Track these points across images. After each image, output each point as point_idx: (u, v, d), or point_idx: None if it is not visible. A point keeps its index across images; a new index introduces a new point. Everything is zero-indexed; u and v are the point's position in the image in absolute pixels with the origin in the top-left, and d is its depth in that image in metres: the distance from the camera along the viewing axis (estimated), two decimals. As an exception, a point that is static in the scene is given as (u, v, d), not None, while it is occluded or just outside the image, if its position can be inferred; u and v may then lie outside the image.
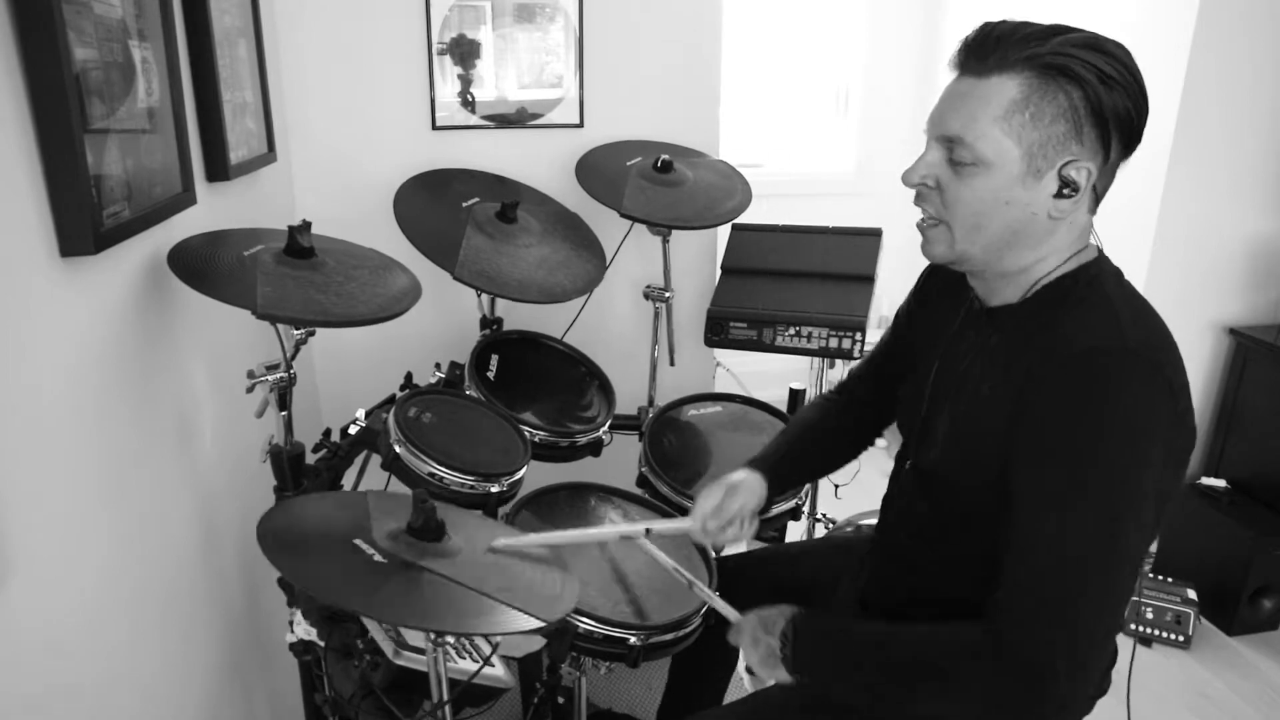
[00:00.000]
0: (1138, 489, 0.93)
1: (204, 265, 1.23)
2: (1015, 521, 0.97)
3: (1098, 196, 1.02)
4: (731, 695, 2.13)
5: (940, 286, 1.24)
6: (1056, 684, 0.90)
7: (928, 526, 1.18)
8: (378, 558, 1.01)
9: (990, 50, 0.96)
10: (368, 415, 1.58)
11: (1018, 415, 0.98)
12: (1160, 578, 2.50)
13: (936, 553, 1.17)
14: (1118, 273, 1.06)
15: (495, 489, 1.48)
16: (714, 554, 1.52)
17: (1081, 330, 0.98)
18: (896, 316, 1.35)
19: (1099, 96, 0.93)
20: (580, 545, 1.48)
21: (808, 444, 1.42)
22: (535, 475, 1.61)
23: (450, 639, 1.17)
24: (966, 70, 0.99)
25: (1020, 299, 1.06)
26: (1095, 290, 1.02)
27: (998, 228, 1.00)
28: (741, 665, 2.28)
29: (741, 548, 1.32)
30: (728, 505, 1.29)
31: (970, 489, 1.08)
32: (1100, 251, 1.07)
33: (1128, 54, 0.96)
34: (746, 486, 1.32)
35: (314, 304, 1.26)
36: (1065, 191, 0.97)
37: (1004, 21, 0.97)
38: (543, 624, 1.00)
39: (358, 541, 1.03)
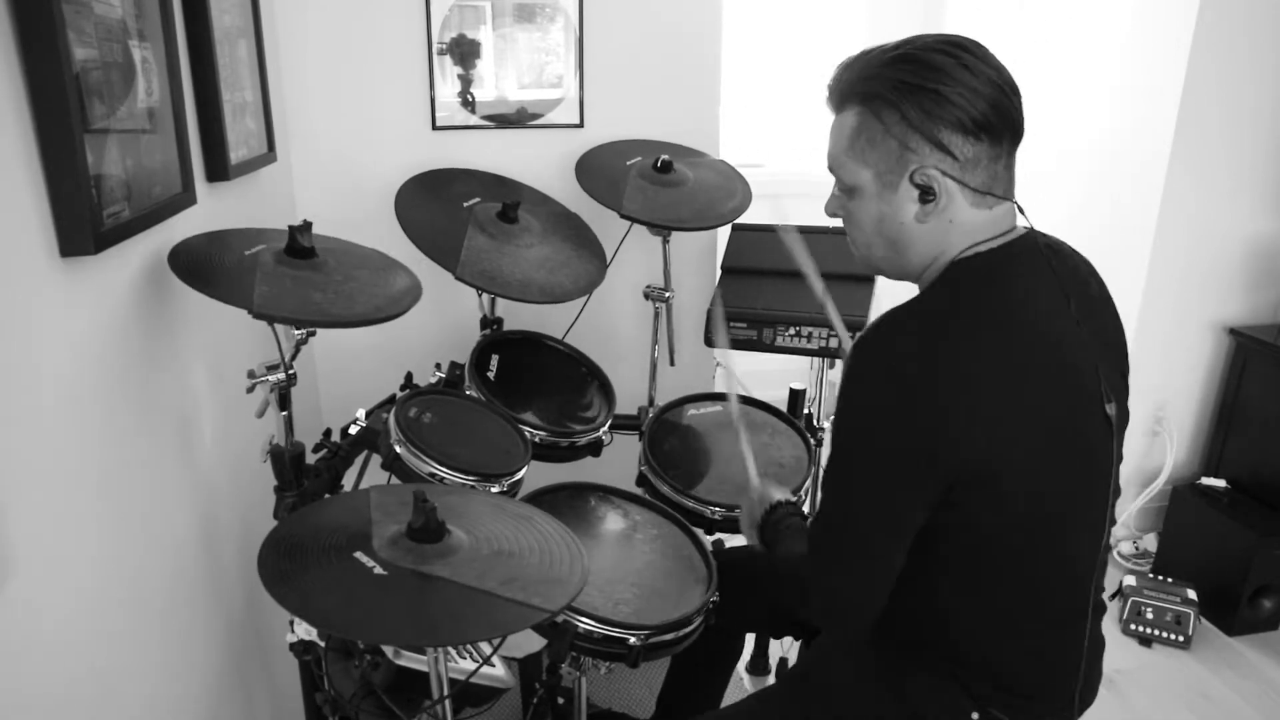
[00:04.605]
0: (867, 461, 1.01)
1: (204, 265, 1.23)
2: None
3: (973, 189, 0.99)
4: (732, 696, 2.13)
5: None
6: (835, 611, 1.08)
7: None
8: (379, 570, 1.00)
9: (837, 87, 1.04)
10: (368, 415, 1.58)
11: None
12: (1160, 578, 2.50)
13: None
14: (991, 256, 1.02)
15: (495, 489, 1.48)
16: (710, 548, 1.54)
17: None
18: None
19: (905, 108, 0.96)
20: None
21: None
22: (535, 475, 1.61)
23: (451, 639, 1.16)
24: (831, 108, 1.06)
25: None
26: (943, 278, 1.04)
27: (884, 241, 1.06)
28: (742, 665, 2.29)
29: None
30: None
31: None
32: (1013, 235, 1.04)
33: (949, 50, 0.96)
34: None
35: (311, 304, 1.26)
36: (927, 197, 1.00)
37: (854, 56, 1.03)
38: (548, 613, 1.00)
39: (358, 555, 1.03)
